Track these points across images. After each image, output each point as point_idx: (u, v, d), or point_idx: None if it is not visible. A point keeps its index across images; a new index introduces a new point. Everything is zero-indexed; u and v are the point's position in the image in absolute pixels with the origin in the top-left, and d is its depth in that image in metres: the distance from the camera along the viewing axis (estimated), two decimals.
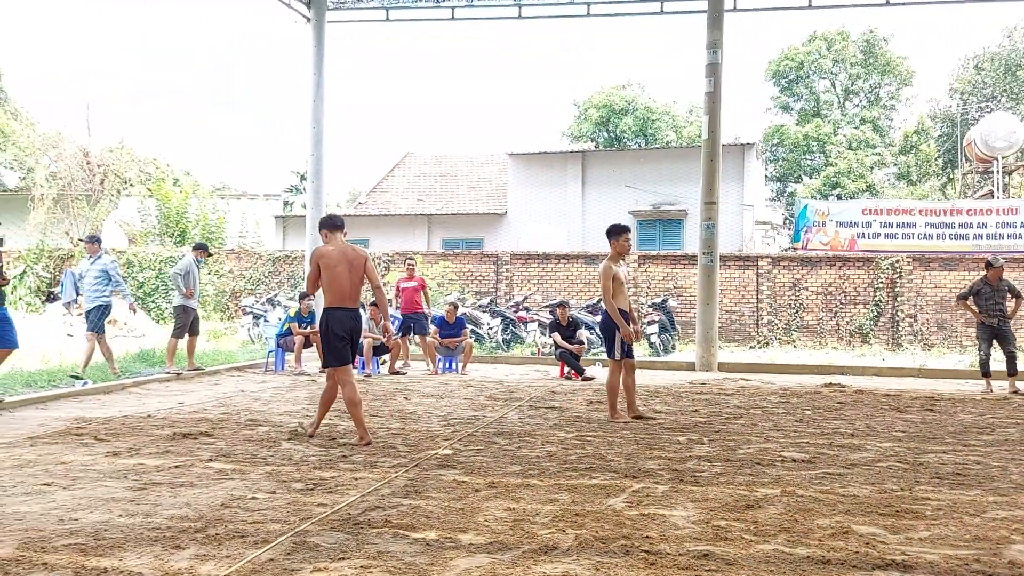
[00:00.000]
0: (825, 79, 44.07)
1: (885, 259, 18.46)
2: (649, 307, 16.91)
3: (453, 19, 17.18)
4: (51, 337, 14.51)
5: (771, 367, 14.27)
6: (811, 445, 6.85)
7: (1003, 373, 11.42)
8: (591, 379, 12.05)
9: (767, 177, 40.38)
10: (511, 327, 16.77)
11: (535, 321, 16.72)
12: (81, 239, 9.35)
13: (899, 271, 18.24)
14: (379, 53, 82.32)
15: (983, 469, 5.95)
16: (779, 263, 19.02)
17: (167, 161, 32.60)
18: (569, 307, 13.25)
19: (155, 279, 20.81)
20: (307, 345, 12.67)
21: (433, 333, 13.22)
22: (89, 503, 4.74)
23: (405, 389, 10.64)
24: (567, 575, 3.62)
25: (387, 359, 13.06)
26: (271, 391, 10.39)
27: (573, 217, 26.97)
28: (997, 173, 26.57)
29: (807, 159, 42.51)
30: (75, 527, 4.25)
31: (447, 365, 13.30)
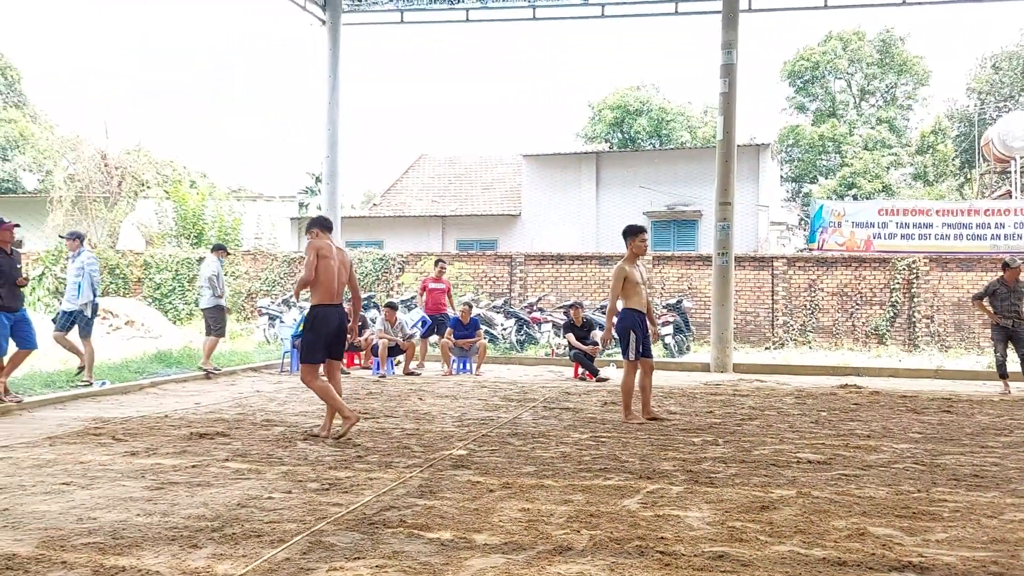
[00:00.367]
0: (841, 79, 43.78)
1: (901, 260, 18.33)
2: (664, 308, 16.86)
3: (467, 21, 17.23)
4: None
5: (786, 368, 14.20)
6: (827, 446, 6.82)
7: (1020, 374, 11.33)
8: (605, 380, 12.05)
9: (782, 178, 40.19)
10: (525, 328, 16.77)
11: (549, 322, 16.72)
12: (67, 235, 9.43)
13: (916, 272, 18.10)
14: (393, 55, 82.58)
15: (1001, 471, 5.91)
16: (794, 264, 18.92)
17: (184, 163, 32.83)
18: (583, 308, 13.25)
19: (172, 280, 20.95)
20: None
21: (447, 334, 13.25)
22: (107, 502, 4.78)
23: (420, 390, 10.67)
24: (581, 575, 3.62)
25: (402, 360, 13.10)
26: (287, 391, 10.45)
27: (587, 218, 26.95)
28: (1015, 173, 26.36)
29: (823, 159, 42.25)
30: (93, 526, 4.30)
31: (461, 366, 13.32)
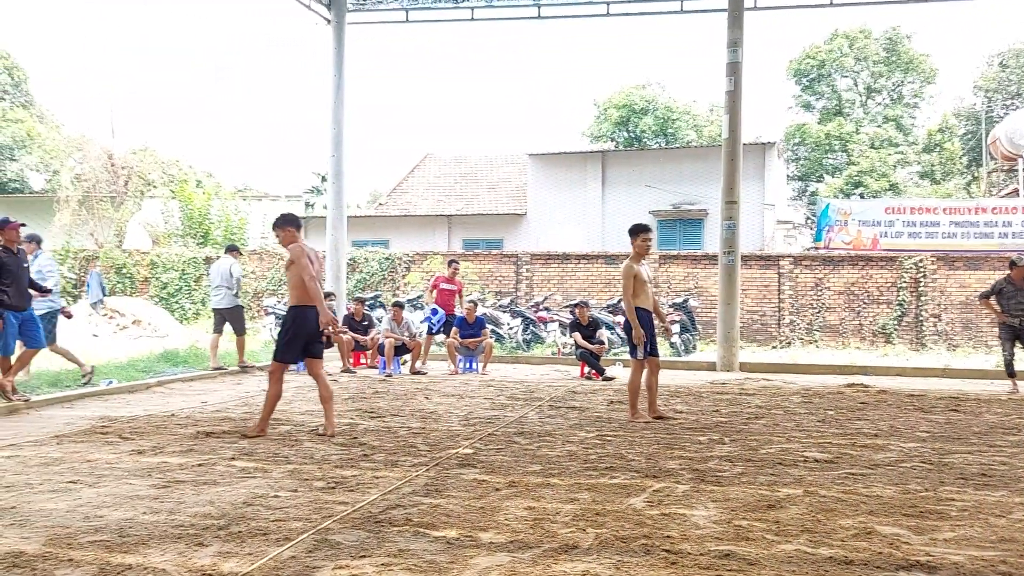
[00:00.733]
0: (847, 77, 43.64)
1: (908, 258, 18.27)
2: (670, 307, 16.83)
3: (472, 20, 17.20)
4: (76, 337, 14.65)
5: (793, 367, 14.16)
6: (834, 445, 6.80)
7: None
8: (611, 379, 12.03)
9: (788, 176, 40.08)
10: (531, 327, 16.77)
11: (555, 321, 16.70)
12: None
13: (923, 270, 18.03)
14: (398, 54, 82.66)
15: (1009, 470, 5.88)
16: (801, 263, 18.88)
17: (190, 163, 32.93)
18: (589, 307, 13.22)
19: (179, 280, 21.00)
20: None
21: (453, 333, 13.25)
22: (114, 501, 4.79)
23: (426, 389, 10.66)
24: (587, 574, 3.61)
25: (408, 359, 13.11)
26: (292, 390, 10.45)
27: (593, 217, 26.91)
28: (1022, 171, 26.24)
29: (829, 158, 42.12)
30: (100, 524, 4.31)
31: (467, 365, 13.32)
